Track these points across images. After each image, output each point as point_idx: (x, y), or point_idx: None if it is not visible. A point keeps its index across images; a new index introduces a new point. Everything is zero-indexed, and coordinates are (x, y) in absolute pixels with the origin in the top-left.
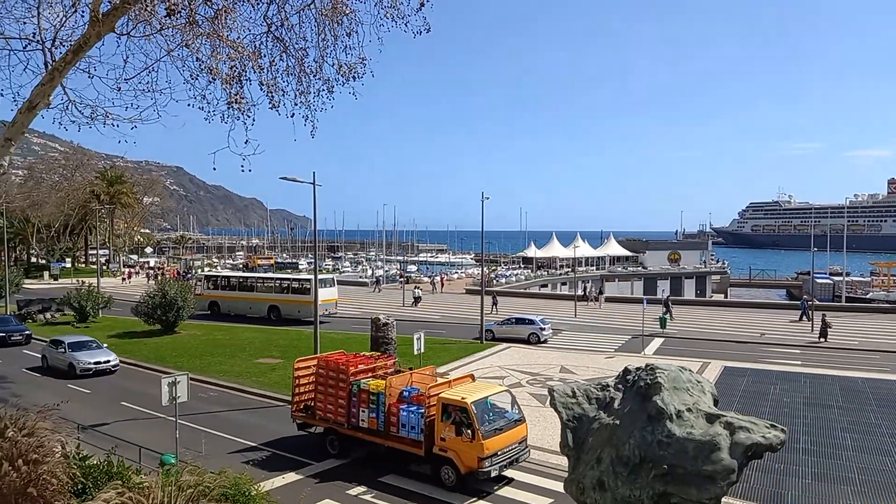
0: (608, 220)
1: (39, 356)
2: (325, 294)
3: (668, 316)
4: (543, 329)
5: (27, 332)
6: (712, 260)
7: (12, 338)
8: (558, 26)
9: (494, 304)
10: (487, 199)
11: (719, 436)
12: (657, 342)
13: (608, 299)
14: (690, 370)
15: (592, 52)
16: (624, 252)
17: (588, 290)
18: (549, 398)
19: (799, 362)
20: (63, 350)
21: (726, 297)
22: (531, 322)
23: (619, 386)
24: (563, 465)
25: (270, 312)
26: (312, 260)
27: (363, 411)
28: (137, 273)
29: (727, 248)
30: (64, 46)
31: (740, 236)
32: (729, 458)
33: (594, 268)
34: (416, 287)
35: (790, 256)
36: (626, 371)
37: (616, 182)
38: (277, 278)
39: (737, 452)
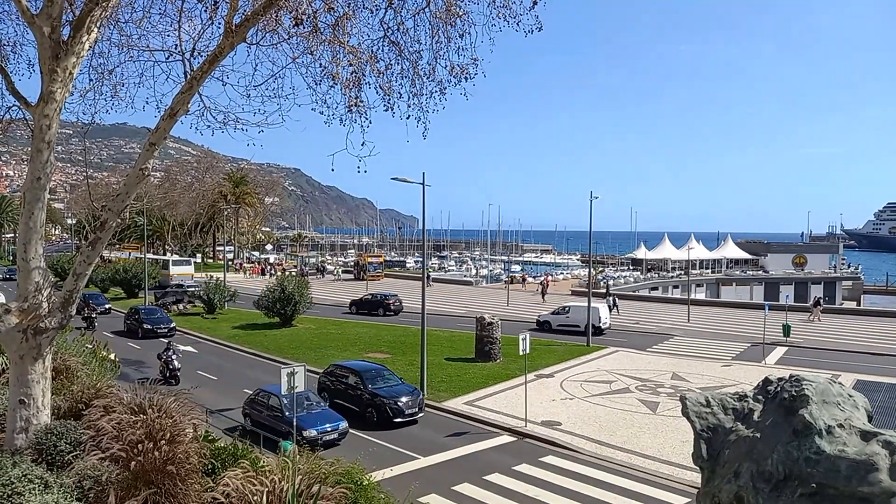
0: (725, 221)
1: None
2: (184, 269)
3: None
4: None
5: None
6: (843, 264)
7: None
8: (676, 17)
9: (614, 306)
10: (596, 198)
11: (877, 455)
12: (779, 351)
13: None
14: (841, 383)
15: (715, 44)
16: (742, 255)
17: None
18: (680, 406)
19: None
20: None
21: (859, 304)
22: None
23: (759, 397)
24: (675, 475)
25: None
26: (419, 258)
27: None
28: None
29: (861, 251)
30: (201, 57)
31: (876, 239)
32: (889, 479)
33: (709, 271)
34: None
35: None
36: (767, 381)
37: (735, 181)
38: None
39: None
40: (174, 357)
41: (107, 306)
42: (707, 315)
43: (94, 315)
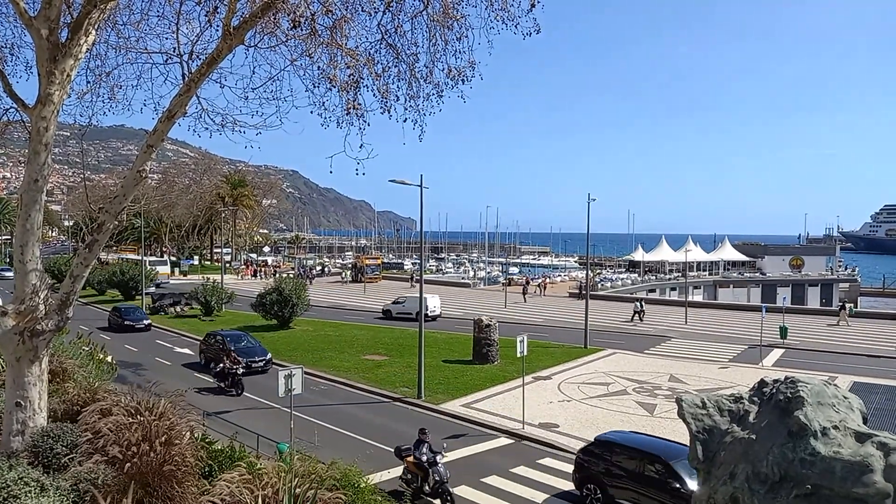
0: (722, 223)
1: None
2: (160, 269)
3: None
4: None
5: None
6: (840, 266)
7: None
8: (674, 18)
9: (638, 312)
10: (594, 200)
11: (872, 457)
12: (776, 353)
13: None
14: (836, 385)
15: (713, 45)
16: (740, 257)
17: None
18: (677, 408)
19: None
20: None
21: (856, 306)
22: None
23: (755, 398)
24: None
25: None
26: (417, 260)
27: None
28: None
29: (857, 253)
30: (199, 59)
31: (873, 241)
32: (883, 481)
33: (707, 273)
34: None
35: None
36: (763, 383)
37: (733, 183)
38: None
39: (892, 476)
40: (438, 458)
41: (146, 322)
42: (704, 317)
43: (239, 371)
